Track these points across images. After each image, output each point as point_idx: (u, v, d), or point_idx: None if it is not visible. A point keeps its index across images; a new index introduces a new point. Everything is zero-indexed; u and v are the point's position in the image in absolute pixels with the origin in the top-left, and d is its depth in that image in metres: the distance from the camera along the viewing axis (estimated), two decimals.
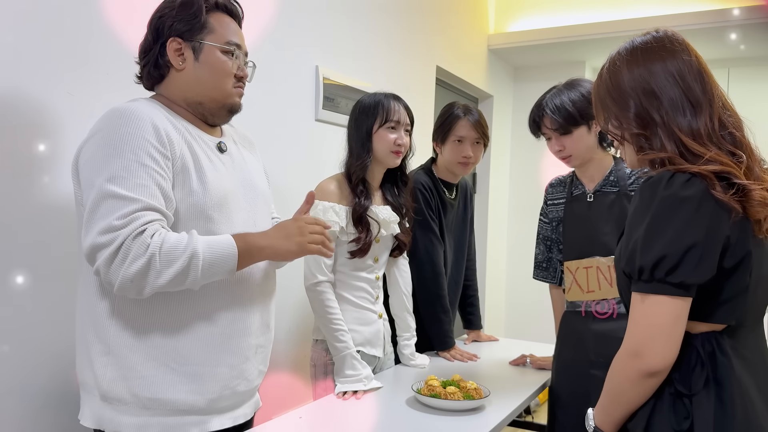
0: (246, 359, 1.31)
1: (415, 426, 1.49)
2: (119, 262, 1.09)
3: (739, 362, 1.02)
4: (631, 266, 0.99)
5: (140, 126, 1.16)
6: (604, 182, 1.79)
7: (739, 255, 0.98)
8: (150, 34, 1.28)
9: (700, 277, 0.95)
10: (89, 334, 1.21)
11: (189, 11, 1.26)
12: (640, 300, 0.99)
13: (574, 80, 1.80)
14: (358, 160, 1.80)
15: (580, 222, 1.82)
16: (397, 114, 1.83)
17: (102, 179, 1.12)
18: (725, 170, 0.96)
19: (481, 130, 2.15)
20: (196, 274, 1.15)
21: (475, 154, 2.15)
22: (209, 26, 1.28)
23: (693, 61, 1.04)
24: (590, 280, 1.76)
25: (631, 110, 1.06)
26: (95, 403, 1.21)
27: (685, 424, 0.99)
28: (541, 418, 3.58)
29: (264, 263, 1.35)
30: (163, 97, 1.31)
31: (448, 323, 2.16)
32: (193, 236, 1.16)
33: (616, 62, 1.09)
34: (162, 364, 1.20)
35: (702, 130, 1.00)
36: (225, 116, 1.36)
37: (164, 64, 1.28)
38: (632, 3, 3.63)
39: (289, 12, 2.17)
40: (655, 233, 0.96)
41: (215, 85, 1.30)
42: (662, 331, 0.96)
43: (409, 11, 3.03)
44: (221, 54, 1.29)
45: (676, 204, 0.95)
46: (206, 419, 1.25)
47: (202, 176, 1.24)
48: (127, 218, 1.10)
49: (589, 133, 1.75)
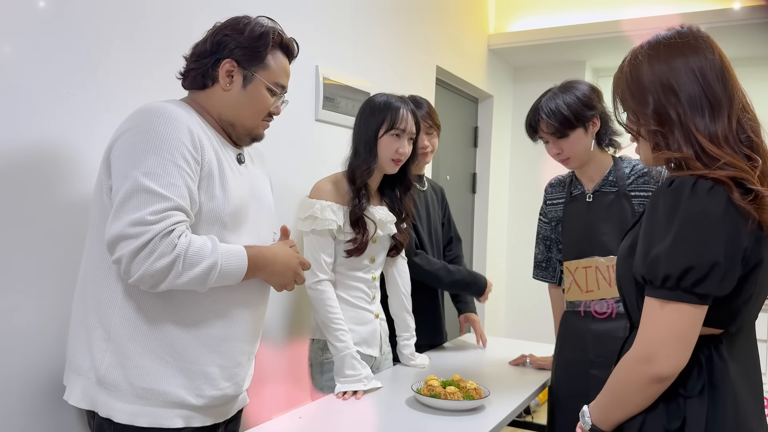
0: (238, 364, 1.35)
1: (415, 426, 1.49)
2: (144, 256, 1.12)
3: (734, 366, 1.02)
4: (654, 273, 0.97)
5: (177, 127, 1.20)
6: (603, 182, 1.80)
7: (751, 264, 0.97)
8: (210, 44, 1.32)
9: (725, 289, 0.95)
10: (91, 319, 1.24)
11: (255, 44, 1.32)
12: (659, 306, 0.97)
13: (569, 83, 1.80)
14: (365, 164, 1.81)
15: (580, 222, 1.82)
16: (405, 122, 1.82)
17: (138, 172, 1.15)
18: (741, 176, 0.95)
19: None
20: (211, 281, 1.21)
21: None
22: (266, 62, 1.34)
23: (716, 60, 1.02)
24: (589, 280, 1.76)
25: (649, 106, 1.04)
26: (89, 385, 1.24)
27: (677, 423, 0.99)
28: (541, 418, 3.58)
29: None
30: (196, 103, 1.35)
31: (460, 274, 2.21)
32: (216, 244, 1.22)
33: (638, 56, 1.07)
34: (158, 357, 1.24)
35: (719, 132, 0.98)
36: (248, 142, 1.43)
37: (212, 77, 1.33)
38: (632, 3, 3.63)
39: (289, 12, 2.17)
40: (682, 243, 0.94)
41: (250, 116, 1.37)
42: (678, 338, 0.96)
43: (409, 11, 3.03)
44: (266, 91, 1.36)
45: (702, 214, 0.93)
46: (193, 415, 1.29)
47: (224, 183, 1.29)
48: (160, 215, 1.13)
49: (586, 134, 1.76)
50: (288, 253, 1.39)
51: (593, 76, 4.41)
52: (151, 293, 1.22)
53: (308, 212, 1.75)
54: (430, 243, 2.26)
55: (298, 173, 2.25)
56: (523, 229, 4.35)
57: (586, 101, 1.74)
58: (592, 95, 1.76)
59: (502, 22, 4.09)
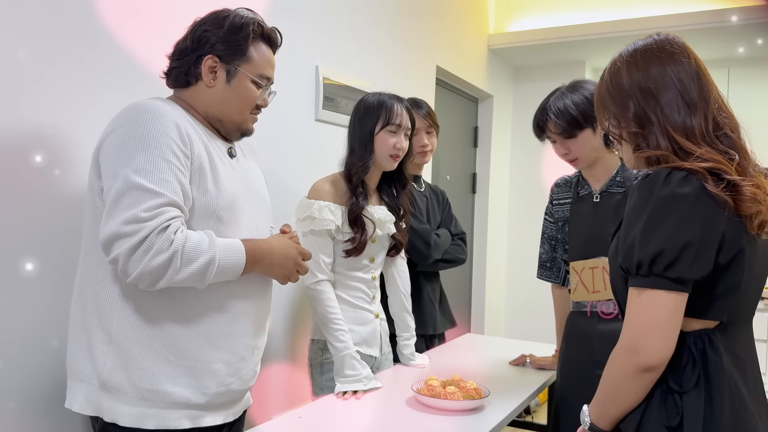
0: (242, 359, 1.33)
1: (415, 426, 1.49)
2: (141, 254, 1.11)
3: (729, 359, 1.04)
4: (629, 261, 1.01)
5: (164, 123, 1.19)
6: (611, 182, 1.79)
7: (732, 251, 1.00)
8: (190, 41, 1.30)
9: (697, 272, 0.97)
10: (91, 322, 1.23)
11: (235, 37, 1.29)
12: (637, 294, 1.01)
13: (577, 82, 1.79)
14: (360, 161, 1.81)
15: (586, 222, 1.82)
16: (399, 117, 1.83)
17: (128, 170, 1.14)
18: (716, 167, 0.99)
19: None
20: (209, 276, 1.20)
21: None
22: (249, 55, 1.32)
23: (692, 63, 1.07)
24: (596, 281, 1.76)
25: (630, 110, 1.09)
26: (92, 391, 1.23)
27: (675, 420, 1.01)
28: (541, 418, 3.58)
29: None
30: (182, 101, 1.34)
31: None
32: (212, 239, 1.20)
33: (617, 63, 1.13)
34: (162, 357, 1.22)
35: (696, 129, 1.03)
36: (237, 137, 1.41)
37: (195, 74, 1.31)
38: (632, 3, 3.63)
39: (289, 12, 2.17)
40: (653, 229, 0.98)
41: (237, 111, 1.35)
42: (659, 326, 0.98)
43: (409, 11, 3.03)
44: (251, 84, 1.34)
45: (673, 200, 0.98)
46: (200, 414, 1.27)
47: (216, 177, 1.27)
48: (154, 211, 1.12)
49: (594, 134, 1.74)
50: (286, 244, 1.37)
51: (593, 76, 4.40)
52: (151, 292, 1.21)
53: (306, 213, 1.75)
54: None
55: (298, 173, 2.25)
56: (523, 228, 4.35)
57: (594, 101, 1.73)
58: None
59: (502, 22, 4.09)
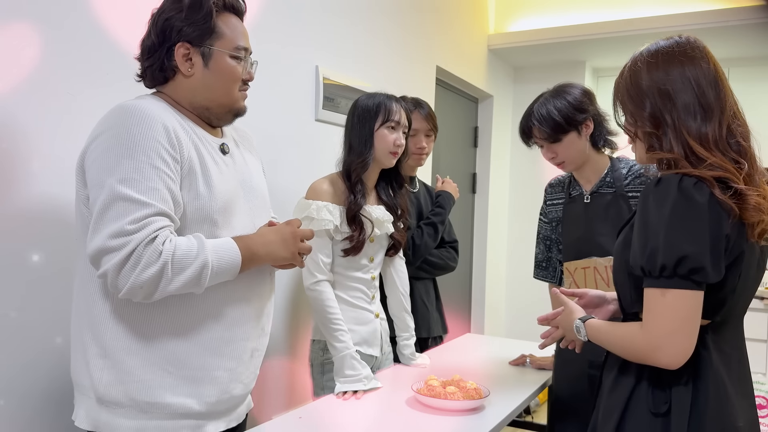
0: (242, 363, 1.30)
1: (415, 426, 1.49)
2: (130, 268, 1.07)
3: (717, 356, 1.08)
4: (653, 264, 1.02)
5: (152, 126, 1.13)
6: (601, 183, 1.81)
7: (734, 254, 1.04)
8: (155, 35, 1.23)
9: (717, 275, 1.01)
10: (86, 336, 1.20)
11: (198, 15, 1.21)
12: (661, 294, 1.02)
13: (560, 87, 1.81)
14: (360, 158, 1.81)
15: (578, 223, 1.83)
16: (398, 114, 1.84)
17: (113, 180, 1.09)
18: (725, 176, 1.02)
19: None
20: (205, 281, 1.15)
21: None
22: (218, 30, 1.24)
23: (711, 69, 1.09)
24: (588, 281, 1.77)
25: (646, 110, 1.11)
26: (91, 405, 1.20)
27: (663, 408, 1.06)
28: (541, 418, 3.58)
29: (266, 266, 1.34)
30: (167, 96, 1.28)
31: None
32: (202, 243, 1.15)
33: (638, 63, 1.14)
34: (160, 369, 1.19)
35: (710, 135, 1.06)
36: (230, 119, 1.35)
37: (170, 67, 1.24)
38: (632, 3, 3.63)
39: (289, 12, 2.17)
40: (676, 233, 1.00)
41: (224, 92, 1.28)
42: (684, 323, 1.01)
43: (409, 11, 3.03)
44: (230, 60, 1.26)
45: (691, 206, 1.00)
46: (202, 423, 1.25)
47: (208, 179, 1.22)
48: (140, 223, 1.08)
49: (580, 137, 1.77)
50: (277, 228, 1.31)
51: (593, 76, 4.40)
52: (144, 304, 1.17)
53: (304, 213, 1.75)
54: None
55: (298, 173, 2.25)
56: (523, 229, 4.35)
57: (577, 105, 1.75)
58: (584, 98, 1.77)
59: (502, 22, 4.09)
